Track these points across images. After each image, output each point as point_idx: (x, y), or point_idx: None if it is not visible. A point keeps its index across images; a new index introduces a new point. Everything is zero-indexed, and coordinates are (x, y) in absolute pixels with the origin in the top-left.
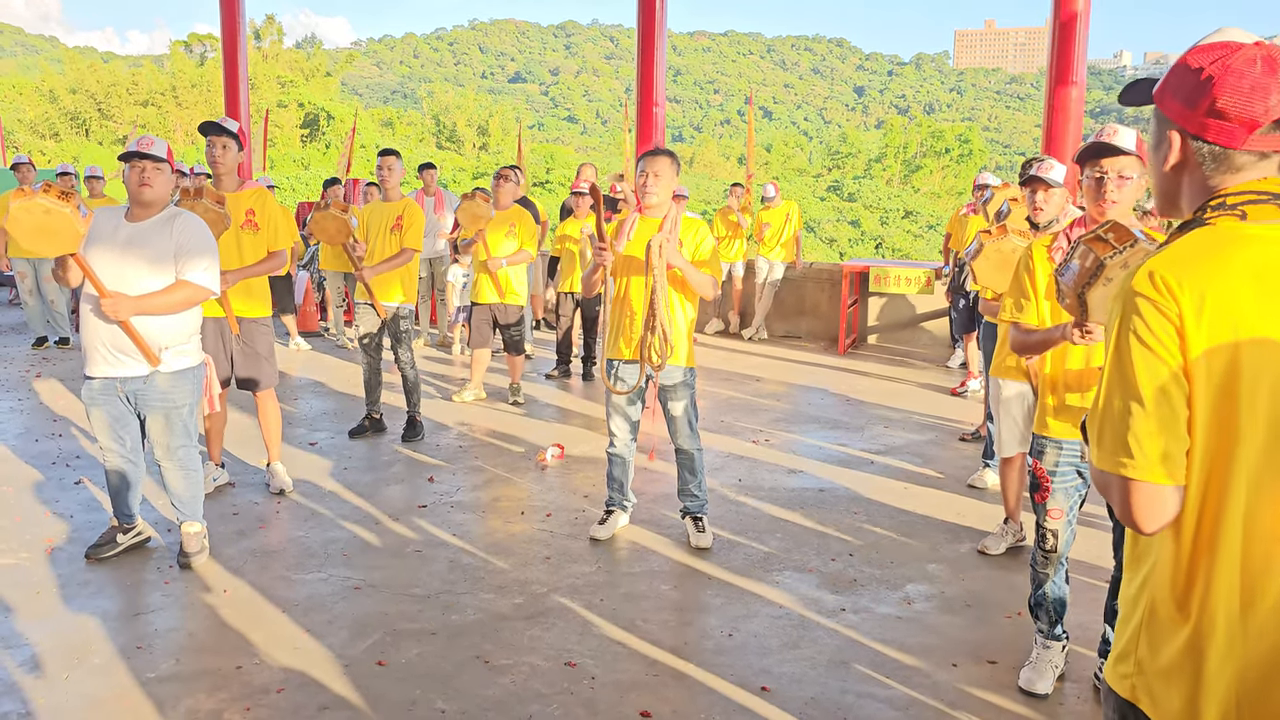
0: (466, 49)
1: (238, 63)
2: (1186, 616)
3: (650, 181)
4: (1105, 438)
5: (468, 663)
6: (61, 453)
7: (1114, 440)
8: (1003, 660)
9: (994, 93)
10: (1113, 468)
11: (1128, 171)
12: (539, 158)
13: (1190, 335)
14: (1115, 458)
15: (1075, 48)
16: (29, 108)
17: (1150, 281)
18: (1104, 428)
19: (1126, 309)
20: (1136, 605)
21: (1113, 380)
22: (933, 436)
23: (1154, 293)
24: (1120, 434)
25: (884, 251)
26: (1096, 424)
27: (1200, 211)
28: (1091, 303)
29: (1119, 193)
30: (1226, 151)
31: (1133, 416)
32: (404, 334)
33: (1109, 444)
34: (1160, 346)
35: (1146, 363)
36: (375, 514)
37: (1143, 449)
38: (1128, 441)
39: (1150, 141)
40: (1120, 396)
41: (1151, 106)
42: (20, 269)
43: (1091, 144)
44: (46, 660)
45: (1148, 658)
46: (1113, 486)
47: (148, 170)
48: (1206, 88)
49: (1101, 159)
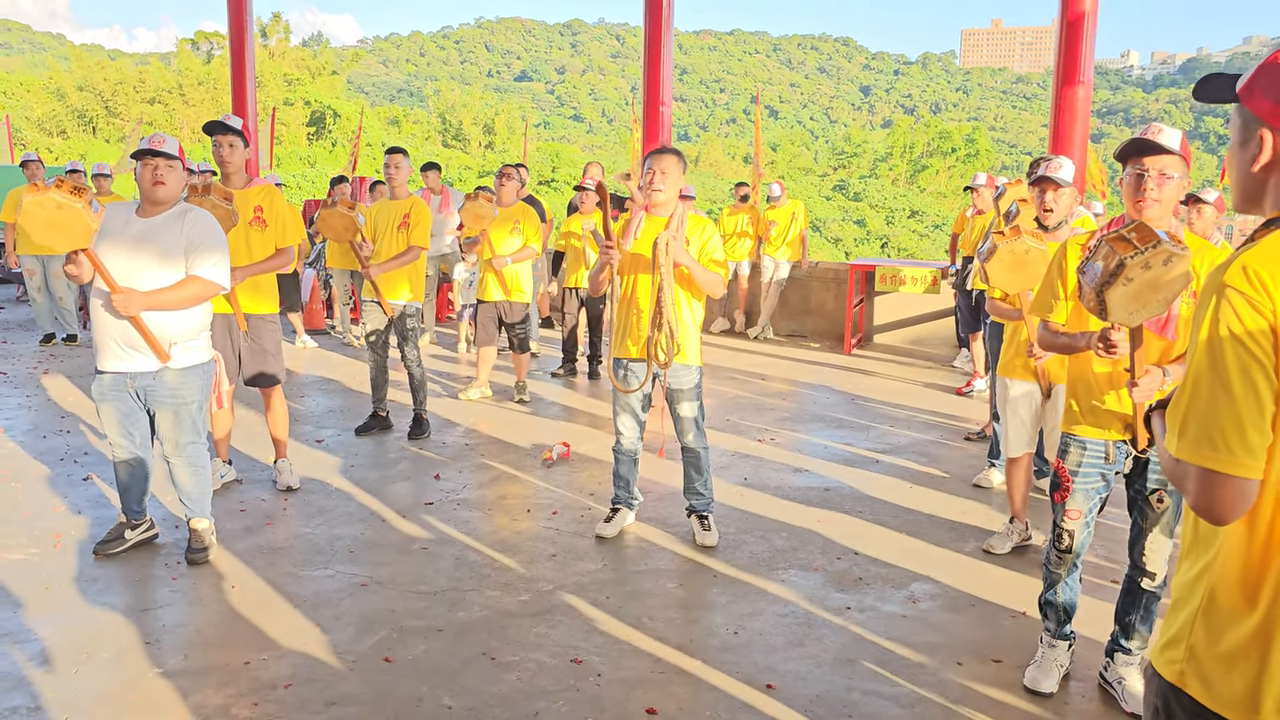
0: (473, 47)
1: (245, 60)
2: (1254, 605)
3: (657, 180)
4: (1190, 428)
5: (474, 659)
6: (70, 449)
7: (1199, 432)
8: (1008, 659)
9: (1000, 92)
10: (1196, 459)
11: (1170, 170)
12: (544, 156)
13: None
14: (1199, 449)
15: (1083, 47)
16: (36, 105)
17: (1244, 275)
18: (1189, 418)
19: (1219, 302)
20: (1194, 592)
21: (1201, 371)
22: (938, 436)
23: (1247, 286)
24: (1206, 426)
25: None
26: (1180, 413)
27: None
28: (1111, 302)
29: (1159, 191)
30: None
31: (1221, 409)
32: (411, 332)
33: (1193, 435)
34: (1252, 341)
35: (1238, 356)
36: (382, 511)
37: (1229, 442)
38: (1214, 434)
39: (1235, 139)
40: (1209, 388)
41: (1217, 105)
42: (29, 266)
43: (1134, 140)
44: (55, 655)
45: (1203, 644)
46: (1192, 478)
47: (160, 167)
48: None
49: (1143, 156)
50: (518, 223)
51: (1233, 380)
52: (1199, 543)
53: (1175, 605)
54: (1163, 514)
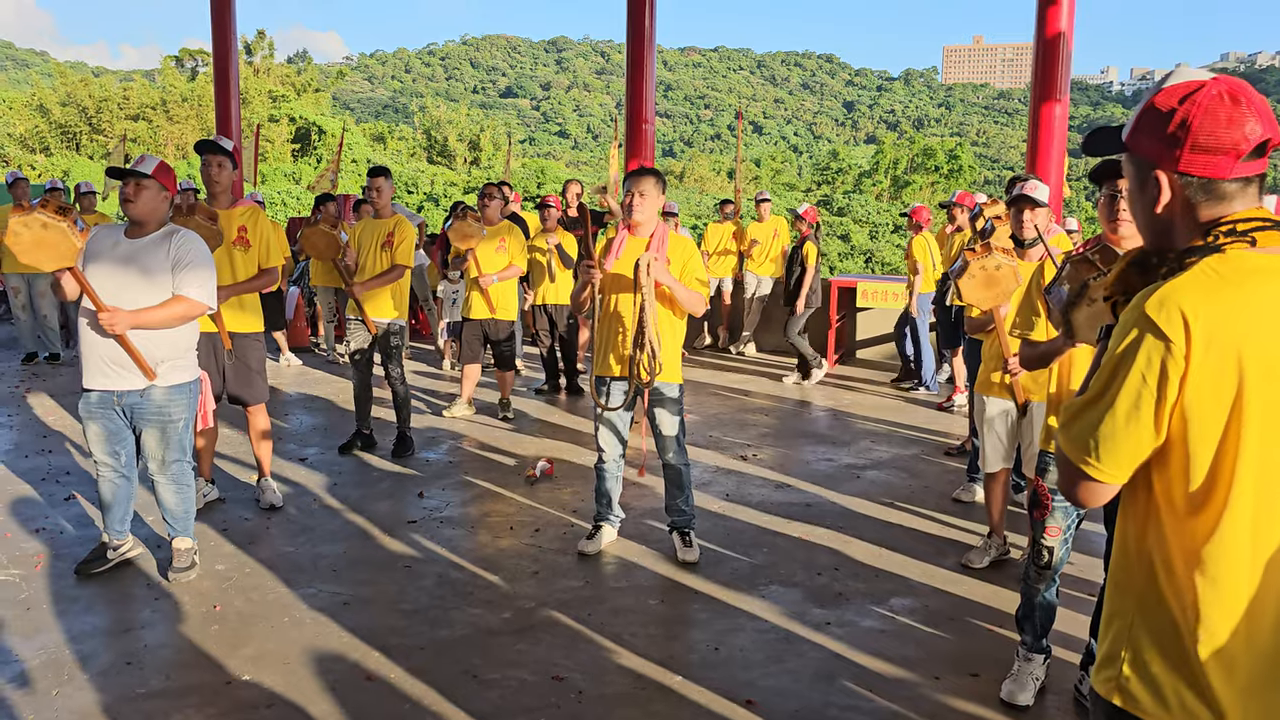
0: (458, 64)
1: (229, 77)
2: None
3: (636, 201)
4: (1073, 425)
5: (456, 677)
6: (52, 468)
7: (1078, 432)
8: (985, 673)
9: (982, 108)
10: (1068, 452)
11: None
12: (530, 172)
13: (1195, 362)
14: (1073, 446)
15: (1060, 65)
16: (19, 122)
17: (1162, 308)
18: (1076, 415)
19: (1134, 328)
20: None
21: (1100, 380)
22: (919, 451)
23: (1163, 320)
24: (1085, 430)
25: (874, 266)
26: (1072, 407)
27: (1211, 237)
28: (1077, 323)
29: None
30: (1215, 182)
31: (1103, 423)
32: (395, 350)
33: (1073, 432)
34: (1151, 373)
35: (1133, 385)
36: (365, 529)
37: (1099, 451)
38: (1089, 440)
39: (1133, 185)
40: (1100, 400)
41: (1116, 155)
42: (14, 284)
43: (1103, 162)
44: (36, 676)
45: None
46: (1062, 465)
47: (129, 187)
48: (1186, 126)
49: (1117, 178)
50: (503, 241)
51: (1120, 403)
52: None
53: (1107, 617)
54: None
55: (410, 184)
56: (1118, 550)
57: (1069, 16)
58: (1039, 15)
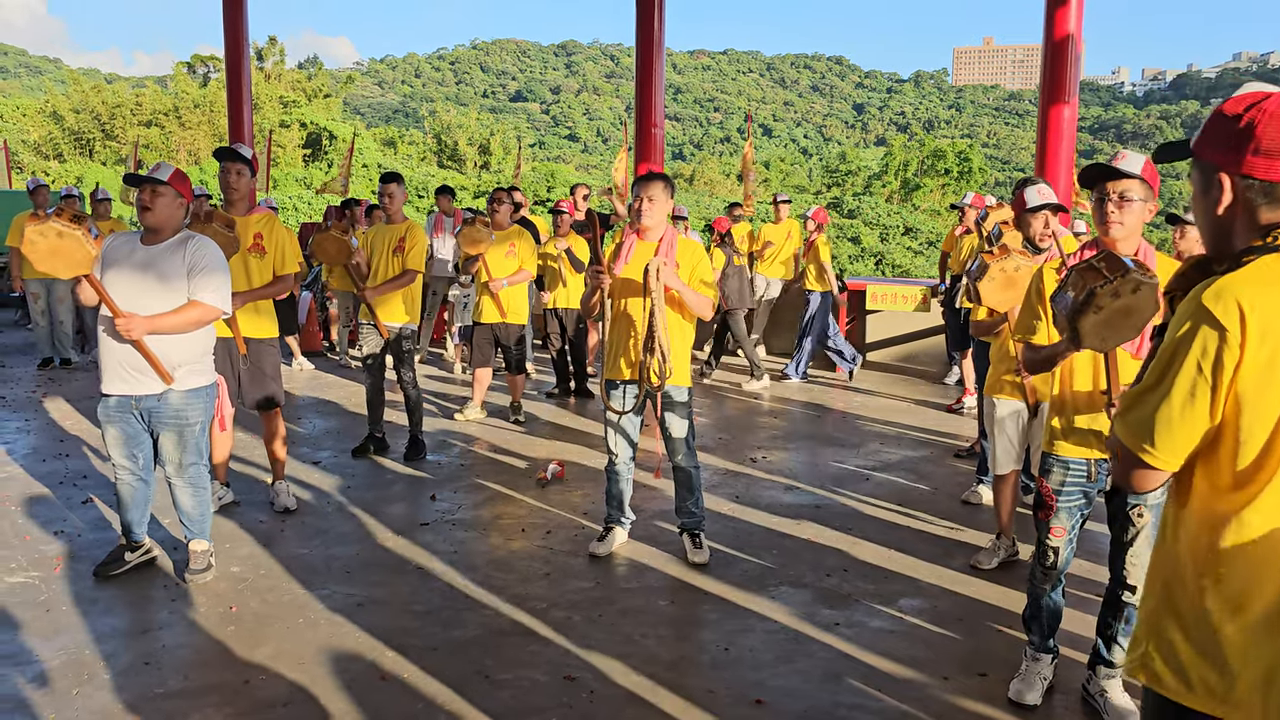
0: (468, 68)
1: (241, 83)
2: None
3: (645, 206)
4: (1131, 413)
5: (469, 677)
6: (69, 472)
7: (1136, 420)
8: (993, 673)
9: (993, 109)
10: (1126, 440)
11: (1130, 194)
12: (540, 176)
13: (1250, 351)
14: (1131, 433)
15: (1068, 67)
16: (33, 129)
17: (1219, 299)
18: (1135, 403)
19: (1191, 319)
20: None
21: (1158, 370)
22: (928, 453)
23: (1220, 311)
24: (1143, 419)
25: (884, 268)
26: (1131, 395)
27: (1270, 238)
28: (1083, 330)
29: (1120, 214)
30: (1276, 185)
31: (1159, 411)
32: (406, 354)
33: (1131, 419)
34: (1207, 364)
35: (1189, 375)
36: (378, 531)
37: (1155, 439)
38: (1146, 428)
39: (1198, 190)
40: (1157, 389)
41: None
42: (34, 290)
43: (1090, 166)
44: (56, 677)
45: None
46: (1126, 457)
47: (145, 194)
48: (1250, 131)
49: (1105, 181)
50: (513, 245)
51: (1176, 392)
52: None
53: (1141, 605)
54: (1143, 528)
55: (421, 188)
56: (1158, 535)
57: (1077, 18)
58: (1047, 17)
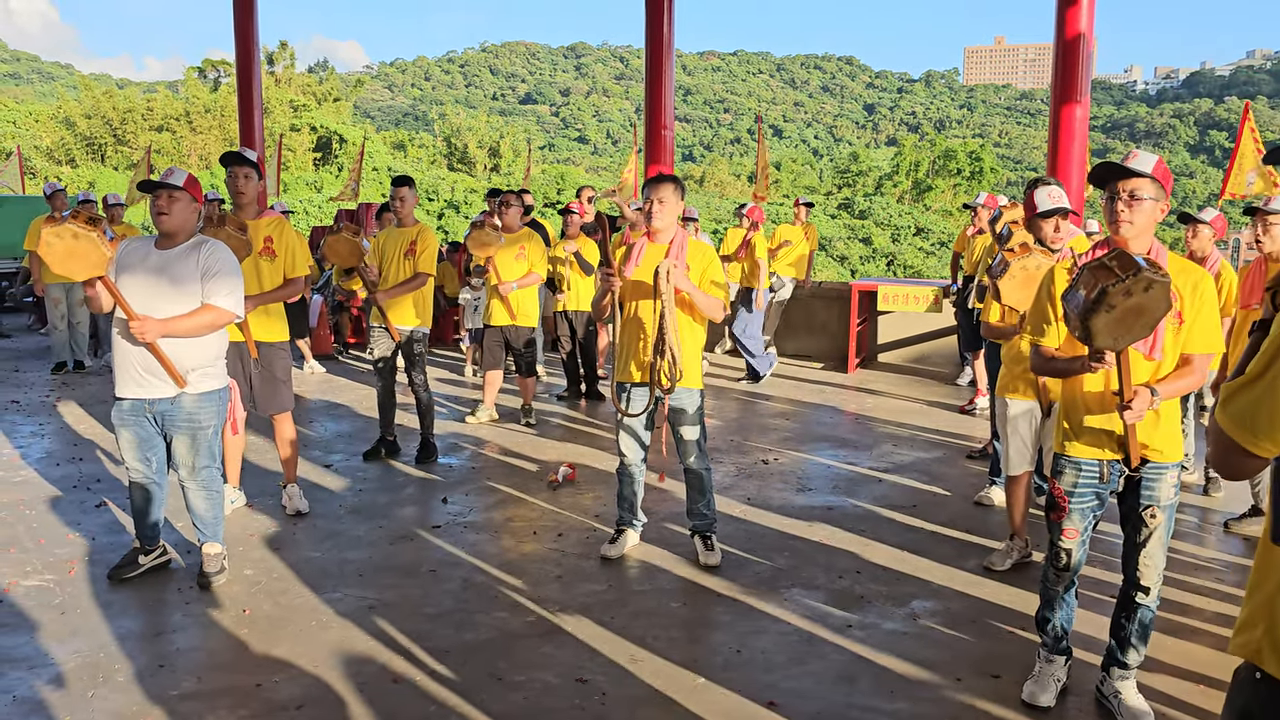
0: (477, 71)
1: (252, 87)
2: None
3: (655, 208)
4: (1234, 403)
5: (482, 679)
6: (83, 476)
7: (1239, 410)
8: (1006, 674)
9: (1004, 109)
10: (1228, 429)
11: (1140, 192)
12: (549, 178)
13: None
14: (1233, 423)
15: (1080, 65)
16: (45, 134)
17: None
18: (1239, 393)
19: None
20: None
21: (1259, 364)
22: (941, 454)
23: None
24: (1247, 408)
25: (896, 269)
26: (1234, 385)
27: None
28: (1095, 329)
29: (1130, 212)
30: None
31: (1264, 400)
32: (418, 357)
33: (1234, 409)
34: None
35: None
36: (390, 534)
37: (1257, 428)
38: (1249, 417)
39: None
40: (1263, 378)
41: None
42: (55, 295)
43: (1100, 165)
44: (71, 679)
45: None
46: (1219, 440)
47: (162, 199)
48: None
49: (1115, 180)
50: (523, 248)
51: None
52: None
53: (1251, 588)
54: (1156, 529)
55: (431, 191)
56: (1266, 527)
57: (1089, 17)
58: (1058, 17)
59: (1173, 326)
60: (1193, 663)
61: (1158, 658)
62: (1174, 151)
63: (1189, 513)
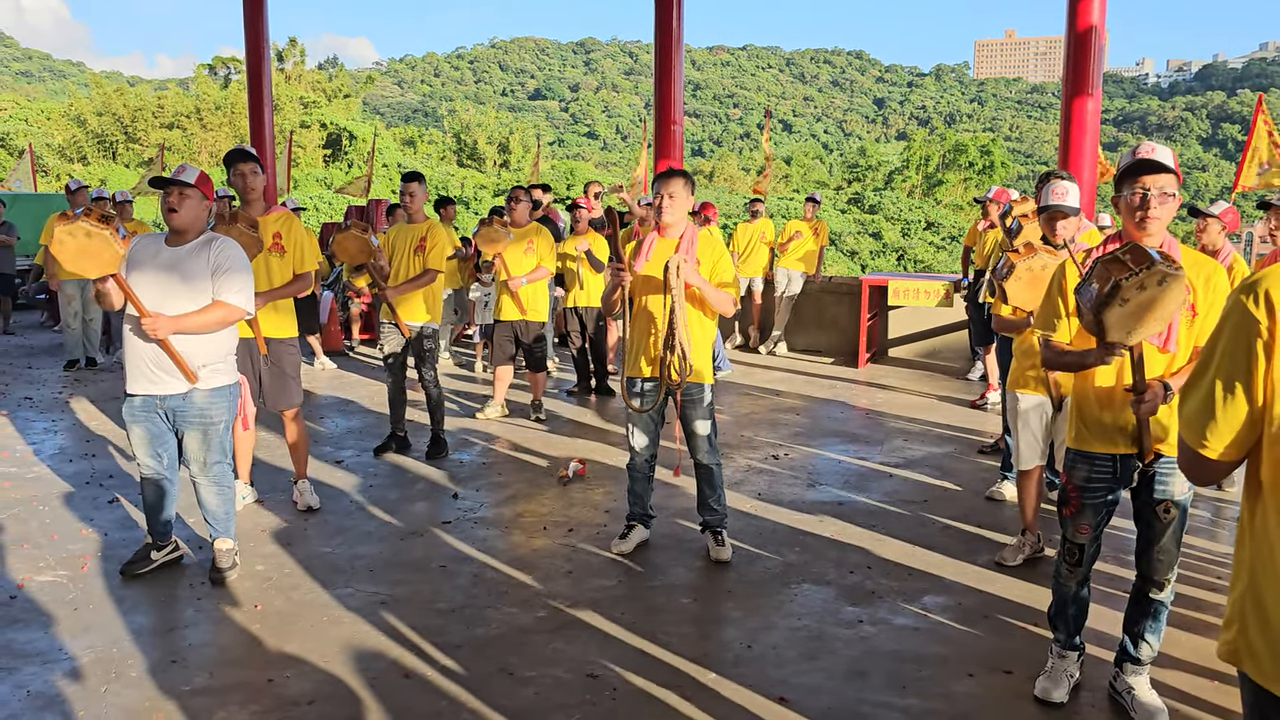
0: (487, 67)
1: (262, 84)
2: None
3: (665, 203)
4: (1184, 411)
5: (492, 674)
6: (95, 472)
7: (1187, 414)
8: (1019, 670)
9: (1015, 103)
10: (1188, 439)
11: (1169, 189)
12: (559, 174)
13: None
14: (1184, 426)
15: (1092, 58)
16: (57, 132)
17: (1253, 296)
18: (1185, 401)
19: (1229, 314)
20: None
21: (1203, 365)
22: (952, 449)
23: (1253, 307)
24: (1194, 413)
25: (906, 263)
26: (1184, 390)
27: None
28: (1109, 323)
29: (1161, 209)
30: None
31: (1203, 405)
32: (428, 353)
33: (1184, 413)
34: (1244, 357)
35: (1227, 370)
36: (400, 530)
37: (1203, 431)
38: (1194, 421)
39: None
40: (1201, 384)
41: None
42: (69, 292)
43: (1139, 160)
44: (86, 674)
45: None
46: (1184, 448)
47: (173, 196)
48: None
49: (1143, 176)
50: (531, 243)
51: (1218, 387)
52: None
53: (1229, 588)
54: (1170, 524)
55: (441, 187)
56: (1239, 526)
57: (1100, 10)
58: (1070, 9)
59: (1186, 319)
60: (1207, 658)
61: (1171, 653)
62: (1186, 145)
63: (1203, 507)
